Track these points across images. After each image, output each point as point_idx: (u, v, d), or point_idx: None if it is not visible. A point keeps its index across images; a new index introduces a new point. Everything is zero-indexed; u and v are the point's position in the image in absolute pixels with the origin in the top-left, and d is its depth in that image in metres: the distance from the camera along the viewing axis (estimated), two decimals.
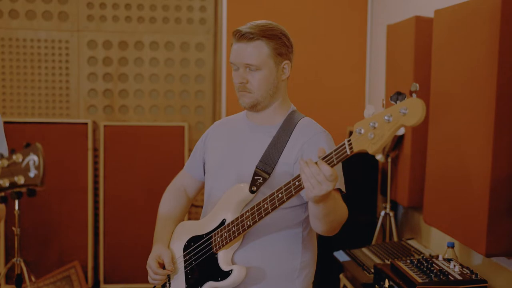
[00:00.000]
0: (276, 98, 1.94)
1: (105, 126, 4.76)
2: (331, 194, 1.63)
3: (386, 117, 1.46)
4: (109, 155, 4.76)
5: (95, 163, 4.82)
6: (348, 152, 1.55)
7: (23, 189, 1.39)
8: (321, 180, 1.56)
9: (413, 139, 3.54)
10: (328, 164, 1.57)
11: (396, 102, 1.46)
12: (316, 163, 1.58)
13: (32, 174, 1.22)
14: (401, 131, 3.61)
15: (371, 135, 1.49)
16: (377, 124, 1.49)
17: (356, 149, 1.53)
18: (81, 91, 4.87)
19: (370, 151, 1.51)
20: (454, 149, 2.87)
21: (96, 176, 4.81)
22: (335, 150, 1.57)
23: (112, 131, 4.77)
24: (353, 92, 4.64)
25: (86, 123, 4.74)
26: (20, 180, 1.22)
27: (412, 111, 1.42)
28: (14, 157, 1.22)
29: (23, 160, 1.22)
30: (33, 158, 1.22)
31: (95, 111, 4.90)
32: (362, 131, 1.52)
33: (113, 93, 4.90)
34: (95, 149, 4.81)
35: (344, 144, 1.56)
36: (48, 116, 4.86)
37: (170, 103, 4.94)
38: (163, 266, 1.98)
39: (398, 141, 3.69)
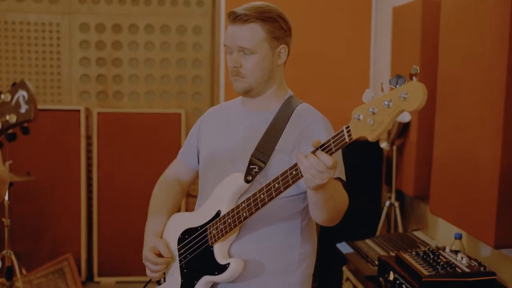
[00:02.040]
0: (271, 84, 1.93)
1: (98, 113, 4.75)
2: (330, 181, 1.62)
3: (385, 102, 1.45)
4: (102, 143, 4.75)
5: (88, 151, 4.81)
6: (347, 140, 1.54)
7: (17, 129, 1.39)
8: (322, 170, 1.56)
9: (419, 126, 3.53)
10: (326, 152, 1.56)
11: (395, 86, 1.45)
12: (314, 154, 1.58)
13: (23, 109, 1.22)
14: (406, 118, 3.60)
15: (370, 121, 1.48)
16: (376, 110, 1.47)
17: (355, 136, 1.52)
18: (73, 77, 4.85)
19: (370, 138, 1.49)
20: (462, 136, 2.86)
21: (89, 165, 4.81)
22: (333, 138, 1.57)
23: (105, 118, 4.76)
24: (357, 77, 4.62)
25: (79, 110, 4.73)
26: (12, 118, 1.22)
27: (412, 95, 1.41)
28: (2, 96, 1.22)
29: (12, 98, 1.21)
30: (22, 94, 1.22)
31: (88, 98, 4.89)
32: (361, 117, 1.50)
33: (106, 78, 4.88)
34: (88, 137, 4.81)
35: (343, 131, 1.55)
36: (39, 103, 4.83)
37: (166, 89, 4.93)
38: (161, 256, 1.96)
39: (403, 128, 3.68)
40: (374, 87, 4.58)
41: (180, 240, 1.97)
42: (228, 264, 1.81)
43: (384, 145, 3.83)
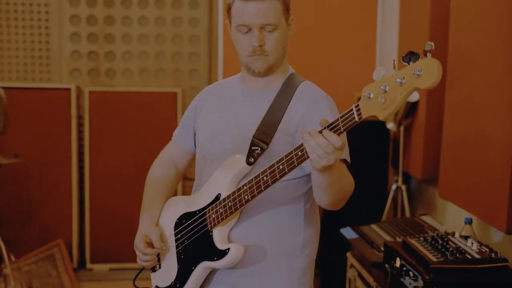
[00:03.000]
0: (284, 60, 1.94)
1: (90, 91, 4.74)
2: (336, 162, 1.62)
3: (398, 80, 1.45)
4: (94, 123, 4.74)
5: (80, 132, 4.80)
6: (356, 119, 1.53)
7: None
8: (329, 151, 1.56)
9: (428, 106, 3.52)
10: (335, 132, 1.56)
11: (408, 63, 1.45)
12: (321, 133, 1.57)
13: None
14: (414, 97, 3.59)
15: (381, 100, 1.48)
16: (388, 88, 1.47)
17: (365, 115, 1.52)
18: (63, 53, 4.83)
19: (381, 117, 1.49)
20: (473, 116, 2.85)
21: (80, 146, 4.81)
22: (341, 117, 1.56)
23: (97, 97, 4.74)
24: (362, 53, 4.60)
25: (69, 89, 4.71)
26: None
27: (427, 72, 1.40)
28: None
29: None
30: None
31: (79, 75, 4.87)
32: (372, 95, 1.50)
33: (98, 55, 4.86)
34: (79, 117, 4.80)
35: (352, 110, 1.54)
36: (27, 81, 4.82)
37: (161, 66, 4.91)
38: (152, 246, 1.97)
39: (411, 108, 3.67)
40: (381, 64, 4.55)
41: (177, 225, 1.97)
42: (228, 249, 1.82)
43: (391, 125, 3.82)
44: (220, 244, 1.84)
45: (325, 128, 1.59)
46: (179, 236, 1.96)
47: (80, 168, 4.81)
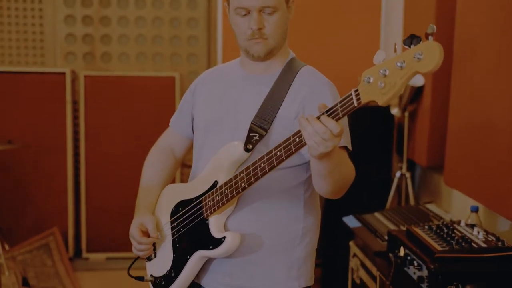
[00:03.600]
0: (284, 43, 1.93)
1: (85, 76, 4.72)
2: (336, 148, 1.62)
3: (398, 64, 1.45)
4: (90, 109, 4.74)
5: (75, 118, 4.80)
6: (355, 104, 1.53)
7: None
8: (327, 137, 1.56)
9: (433, 91, 3.51)
10: (333, 118, 1.56)
11: (410, 47, 1.45)
12: (319, 119, 1.57)
13: None
14: (420, 82, 3.58)
15: (381, 84, 1.48)
16: (388, 72, 1.47)
17: (364, 100, 1.52)
18: (57, 36, 4.81)
19: (380, 102, 1.49)
20: (480, 102, 2.84)
21: (76, 132, 4.80)
22: (340, 102, 1.56)
23: (93, 82, 4.73)
24: (366, 36, 4.58)
25: (64, 73, 4.70)
26: None
27: (428, 56, 1.41)
28: None
29: None
30: None
31: (74, 59, 4.86)
32: (371, 79, 1.50)
33: (94, 38, 4.84)
34: (74, 102, 4.79)
35: (351, 94, 1.54)
36: (20, 65, 4.81)
37: (159, 50, 4.89)
38: (147, 235, 1.98)
39: (416, 93, 3.66)
40: (385, 49, 4.54)
41: (173, 213, 1.98)
42: (224, 238, 1.82)
43: (395, 111, 3.82)
44: (216, 233, 1.84)
45: (323, 113, 1.58)
46: (175, 224, 1.96)
47: (75, 155, 4.80)
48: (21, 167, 4.69)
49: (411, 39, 1.44)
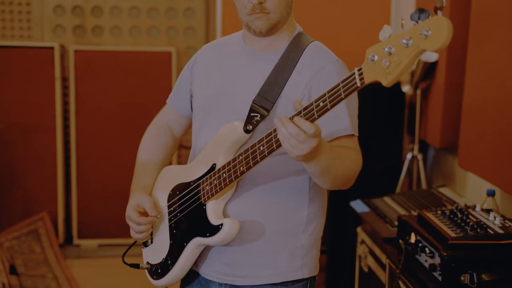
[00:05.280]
0: (289, 18, 1.91)
1: (75, 51, 4.71)
2: (322, 148, 1.62)
3: (404, 41, 1.43)
4: (80, 86, 4.73)
5: (64, 95, 4.79)
6: (358, 84, 1.53)
7: None
8: (302, 140, 1.57)
9: (447, 67, 3.50)
10: (336, 97, 1.55)
11: (417, 22, 1.43)
12: (291, 119, 1.58)
13: None
14: (433, 57, 3.57)
15: (385, 63, 1.46)
16: (393, 49, 1.46)
17: (367, 80, 1.51)
18: (45, 8, 4.79)
19: (384, 83, 1.48)
20: (497, 79, 2.83)
21: (65, 111, 4.80)
22: (342, 82, 1.56)
23: (84, 57, 4.72)
24: (376, 10, 4.57)
25: (52, 48, 4.69)
26: None
27: (435, 33, 1.39)
28: None
29: None
30: None
31: (63, 33, 4.84)
32: (376, 57, 1.49)
33: (84, 10, 4.83)
34: (64, 79, 4.78)
35: (354, 74, 1.54)
36: (6, 39, 4.80)
37: (154, 23, 4.87)
38: (145, 215, 1.98)
39: (429, 69, 3.65)
40: (396, 23, 4.53)
41: (170, 197, 1.98)
42: (222, 225, 1.82)
43: (406, 88, 3.81)
44: (213, 219, 1.84)
45: (300, 111, 1.59)
46: (172, 209, 1.96)
47: (65, 135, 4.81)
48: (8, 147, 4.70)
49: (419, 14, 1.42)
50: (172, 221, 1.96)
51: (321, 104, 1.57)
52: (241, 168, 1.76)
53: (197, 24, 4.88)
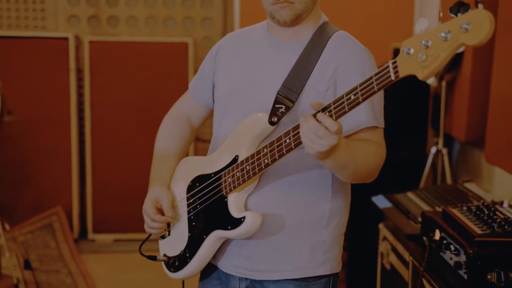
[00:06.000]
0: (315, 7, 1.92)
1: (90, 41, 4.73)
2: (338, 146, 1.63)
3: (442, 34, 1.44)
4: (96, 77, 4.75)
5: (79, 87, 4.81)
6: (393, 77, 1.53)
7: None
8: (321, 135, 1.58)
9: (474, 58, 3.48)
10: (369, 90, 1.55)
11: (456, 15, 1.43)
12: (315, 116, 1.60)
13: None
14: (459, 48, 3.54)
15: (422, 56, 1.47)
16: (430, 43, 1.46)
17: (402, 73, 1.51)
18: None
19: (421, 76, 1.48)
20: None
21: (80, 103, 4.82)
22: (376, 74, 1.56)
23: (98, 48, 4.74)
24: (400, 3, 4.55)
25: (67, 38, 4.71)
26: None
27: (476, 26, 1.39)
28: None
29: None
30: None
31: (78, 23, 4.86)
32: (411, 51, 1.49)
33: (99, 0, 4.84)
34: (79, 70, 4.80)
35: (388, 67, 1.53)
36: (20, 29, 4.82)
37: (170, 13, 4.88)
38: (162, 212, 1.99)
39: (455, 60, 3.63)
40: (421, 13, 4.51)
41: (189, 188, 1.99)
42: (244, 218, 1.83)
43: (431, 80, 3.79)
44: (235, 212, 1.85)
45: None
46: (191, 201, 1.97)
47: (80, 128, 4.83)
48: (22, 140, 4.73)
49: (458, 7, 1.43)
50: (191, 213, 1.97)
51: (353, 97, 1.58)
52: (266, 160, 1.77)
53: (215, 14, 4.88)
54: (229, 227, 1.85)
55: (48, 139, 4.76)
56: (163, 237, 2.07)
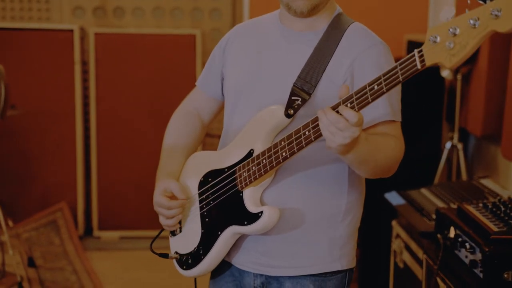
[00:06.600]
0: None
1: (95, 33, 4.74)
2: (358, 139, 1.64)
3: (471, 21, 1.44)
4: (101, 70, 4.76)
5: (84, 80, 4.83)
6: (419, 66, 1.53)
7: None
8: (342, 127, 1.59)
9: (490, 50, 3.48)
10: (393, 80, 1.55)
11: (485, 2, 1.44)
12: (334, 108, 1.61)
13: None
14: None
15: (450, 44, 1.47)
16: (458, 30, 1.46)
17: (429, 62, 1.51)
18: None
19: (448, 65, 1.49)
20: None
21: (85, 97, 4.83)
22: (400, 64, 1.56)
23: (104, 40, 4.75)
24: None
25: (72, 30, 4.72)
26: None
27: (507, 13, 1.40)
28: None
29: None
30: None
31: (83, 15, 4.87)
32: (438, 39, 1.49)
33: None
34: (84, 63, 4.81)
35: (414, 55, 1.54)
36: (24, 21, 4.84)
37: (177, 4, 4.88)
38: (175, 199, 1.98)
39: None
40: (436, 4, 4.49)
41: (201, 184, 1.99)
42: (261, 212, 1.83)
43: (446, 73, 3.78)
44: (251, 207, 1.85)
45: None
46: (203, 196, 1.98)
47: (85, 122, 4.84)
48: (26, 135, 4.75)
49: None
50: (204, 209, 1.97)
51: (376, 87, 1.58)
52: (284, 154, 1.77)
53: (223, 5, 4.88)
54: (245, 223, 1.85)
55: (53, 133, 4.78)
56: (173, 234, 2.07)
